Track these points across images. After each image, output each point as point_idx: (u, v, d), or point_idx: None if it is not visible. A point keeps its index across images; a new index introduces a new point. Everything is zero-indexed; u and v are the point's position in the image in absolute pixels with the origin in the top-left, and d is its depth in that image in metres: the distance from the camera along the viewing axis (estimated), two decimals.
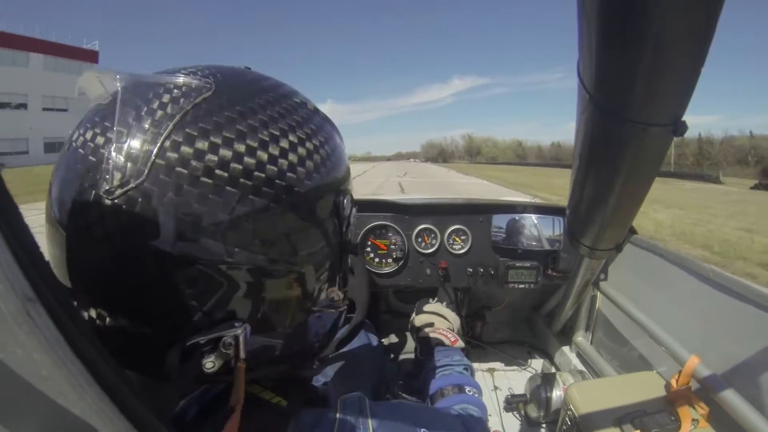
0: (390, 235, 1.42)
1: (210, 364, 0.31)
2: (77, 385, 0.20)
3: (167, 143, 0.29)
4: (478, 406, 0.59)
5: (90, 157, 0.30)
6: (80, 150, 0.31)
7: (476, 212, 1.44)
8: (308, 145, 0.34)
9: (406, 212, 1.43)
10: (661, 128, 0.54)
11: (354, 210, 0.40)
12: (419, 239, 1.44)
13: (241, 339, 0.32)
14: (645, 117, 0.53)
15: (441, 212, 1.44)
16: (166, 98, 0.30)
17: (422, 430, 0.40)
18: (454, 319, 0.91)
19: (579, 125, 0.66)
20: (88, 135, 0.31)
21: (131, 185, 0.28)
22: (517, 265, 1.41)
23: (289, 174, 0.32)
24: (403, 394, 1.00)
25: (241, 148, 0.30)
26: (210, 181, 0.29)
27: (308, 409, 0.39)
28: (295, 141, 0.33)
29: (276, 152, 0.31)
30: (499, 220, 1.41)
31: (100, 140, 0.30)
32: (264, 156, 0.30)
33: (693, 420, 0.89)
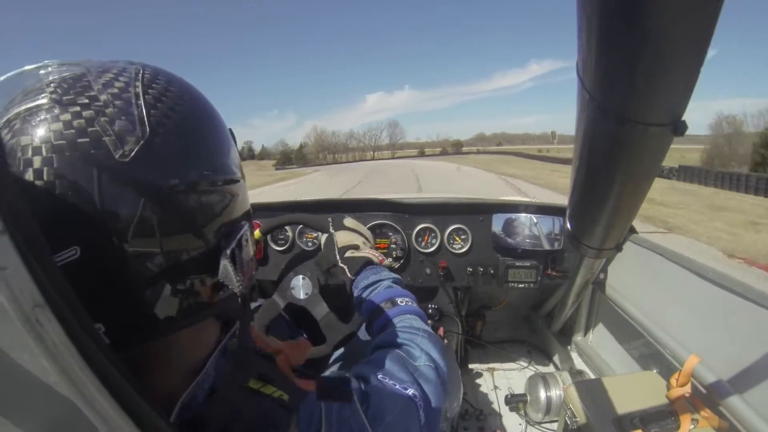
0: (390, 234, 1.42)
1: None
2: (86, 392, 0.20)
3: (146, 99, 0.33)
4: (414, 313, 0.61)
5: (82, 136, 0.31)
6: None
7: (476, 212, 1.44)
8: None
9: (407, 211, 1.43)
10: (661, 128, 0.55)
11: None
12: (419, 238, 1.44)
13: (248, 233, 0.39)
14: (645, 117, 0.54)
15: (441, 211, 1.44)
16: (112, 74, 0.34)
17: (384, 377, 0.46)
18: (370, 236, 0.92)
19: (579, 125, 0.66)
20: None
21: (141, 143, 0.31)
22: (517, 264, 1.41)
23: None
24: None
25: (186, 96, 0.37)
26: (192, 125, 0.36)
27: (309, 400, 0.41)
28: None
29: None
30: (500, 220, 1.41)
31: (87, 113, 0.32)
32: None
33: (693, 419, 0.89)
